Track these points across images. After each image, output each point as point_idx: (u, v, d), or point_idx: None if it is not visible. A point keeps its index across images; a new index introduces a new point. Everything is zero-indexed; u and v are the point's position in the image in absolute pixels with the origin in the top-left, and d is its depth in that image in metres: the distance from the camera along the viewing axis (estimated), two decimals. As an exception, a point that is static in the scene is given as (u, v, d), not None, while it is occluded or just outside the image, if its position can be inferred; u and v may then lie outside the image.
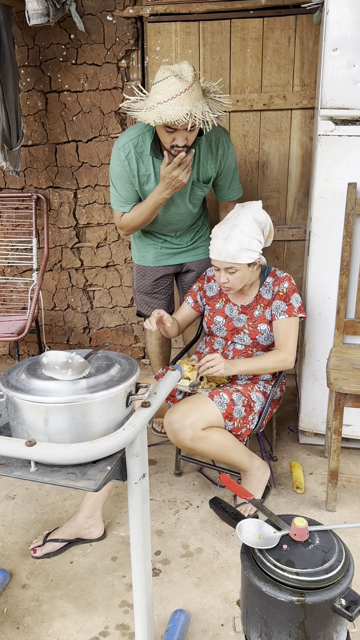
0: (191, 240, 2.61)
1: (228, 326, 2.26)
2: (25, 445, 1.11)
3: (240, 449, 2.07)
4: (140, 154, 2.28)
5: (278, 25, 2.83)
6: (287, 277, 2.20)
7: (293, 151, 3.03)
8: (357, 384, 2.02)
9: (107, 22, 2.96)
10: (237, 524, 1.33)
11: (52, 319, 3.61)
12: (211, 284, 2.35)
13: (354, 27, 2.05)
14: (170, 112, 1.99)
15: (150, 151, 2.26)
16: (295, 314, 2.14)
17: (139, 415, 1.22)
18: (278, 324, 2.16)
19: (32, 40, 3.05)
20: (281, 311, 2.15)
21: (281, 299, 2.16)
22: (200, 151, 2.32)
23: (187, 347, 2.71)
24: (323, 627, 1.20)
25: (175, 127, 2.06)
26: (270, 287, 2.21)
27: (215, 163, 2.37)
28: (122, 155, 2.27)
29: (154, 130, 2.25)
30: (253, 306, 2.22)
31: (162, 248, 2.61)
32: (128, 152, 2.26)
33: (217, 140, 2.34)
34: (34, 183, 3.31)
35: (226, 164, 2.40)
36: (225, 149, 2.37)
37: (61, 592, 1.84)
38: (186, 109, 1.99)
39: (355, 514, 2.17)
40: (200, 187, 2.40)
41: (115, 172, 2.33)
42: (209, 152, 2.34)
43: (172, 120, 1.99)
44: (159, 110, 2.01)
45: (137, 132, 2.28)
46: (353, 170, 2.23)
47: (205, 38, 2.91)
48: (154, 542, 2.04)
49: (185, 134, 2.10)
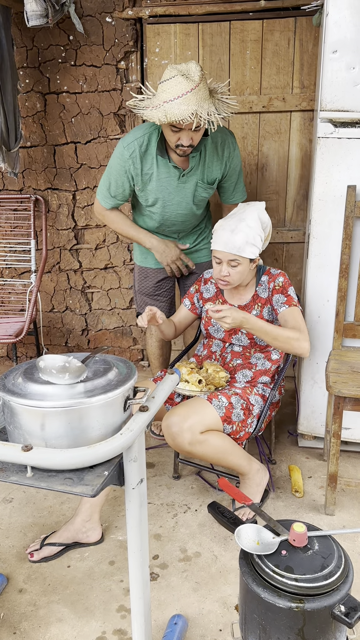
0: (194, 243, 2.61)
1: (225, 327, 2.25)
2: (22, 450, 1.09)
3: (239, 452, 2.06)
4: (144, 154, 2.28)
5: (277, 27, 2.82)
6: (281, 273, 2.20)
7: (292, 153, 3.03)
8: (356, 388, 2.01)
9: (106, 24, 2.95)
10: (236, 530, 1.32)
11: (51, 320, 3.60)
12: (208, 285, 2.35)
13: (353, 29, 2.05)
14: (176, 111, 2.00)
15: (156, 150, 2.27)
16: (295, 304, 2.14)
17: (137, 420, 1.21)
18: (284, 314, 2.14)
19: (31, 41, 3.05)
20: (281, 303, 2.15)
21: (279, 292, 2.16)
22: (206, 152, 2.33)
23: (185, 350, 2.70)
24: (322, 634, 1.19)
25: (180, 126, 2.07)
26: (265, 285, 2.20)
27: (221, 164, 2.37)
28: (126, 153, 2.28)
29: (160, 130, 2.25)
30: (250, 306, 2.21)
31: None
32: (132, 151, 2.27)
33: (223, 141, 2.35)
34: (33, 184, 3.30)
35: (231, 166, 2.40)
36: (231, 150, 2.37)
37: (58, 597, 1.83)
38: (192, 108, 1.99)
39: (355, 518, 2.16)
40: (205, 188, 2.40)
41: (114, 168, 2.34)
42: (215, 154, 2.34)
43: (178, 119, 2.00)
44: (164, 109, 2.02)
45: (144, 132, 2.29)
46: (352, 173, 2.22)
47: (205, 40, 2.91)
48: (152, 546, 2.03)
49: (190, 134, 2.11)
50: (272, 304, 2.18)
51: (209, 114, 2.03)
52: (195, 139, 2.15)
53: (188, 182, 2.35)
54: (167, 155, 2.28)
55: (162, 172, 2.31)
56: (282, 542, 1.29)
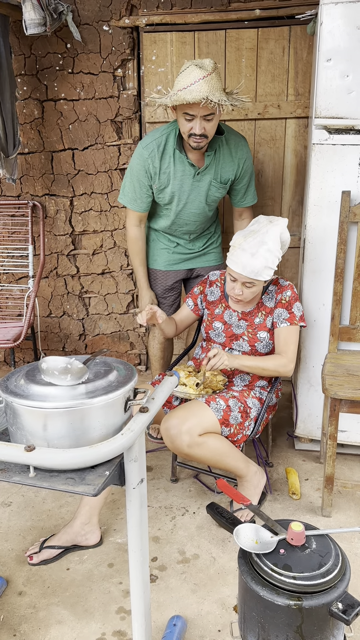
0: (203, 246, 2.67)
1: (227, 332, 2.27)
2: (25, 450, 1.11)
3: (237, 454, 2.08)
4: (162, 153, 2.37)
5: (272, 35, 2.86)
6: (289, 286, 2.22)
7: (287, 160, 3.07)
8: (352, 390, 2.03)
9: (103, 32, 2.99)
10: (235, 529, 1.33)
11: (48, 325, 3.61)
12: (213, 288, 2.36)
13: (347, 38, 2.09)
14: (189, 95, 2.09)
15: (174, 146, 2.35)
16: (296, 322, 2.16)
17: (137, 421, 1.22)
18: (279, 331, 2.17)
19: (29, 49, 3.08)
20: (283, 319, 2.17)
21: (283, 307, 2.18)
22: (221, 151, 2.41)
23: (184, 353, 2.72)
24: (320, 631, 1.21)
25: (193, 112, 2.15)
26: (273, 294, 2.22)
27: (234, 166, 2.44)
28: (145, 153, 2.37)
29: (178, 129, 2.34)
30: (254, 313, 2.23)
31: (173, 253, 2.66)
32: (151, 151, 2.36)
33: (237, 144, 2.44)
34: (30, 190, 3.33)
35: (244, 168, 2.48)
36: (244, 152, 2.46)
37: (58, 599, 1.83)
38: (204, 94, 2.08)
39: (351, 520, 2.18)
40: (218, 187, 2.47)
41: (134, 170, 2.42)
42: (229, 154, 2.42)
43: (188, 100, 2.08)
44: (178, 95, 2.12)
45: (161, 133, 2.39)
46: (347, 179, 2.25)
47: (201, 48, 2.94)
48: (151, 548, 2.04)
49: (203, 123, 2.19)
50: (273, 316, 2.20)
51: (219, 100, 2.11)
52: (207, 129, 2.22)
53: (202, 180, 2.42)
54: (184, 151, 2.36)
55: (178, 170, 2.38)
56: (280, 541, 1.31)
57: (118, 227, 3.30)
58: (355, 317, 2.36)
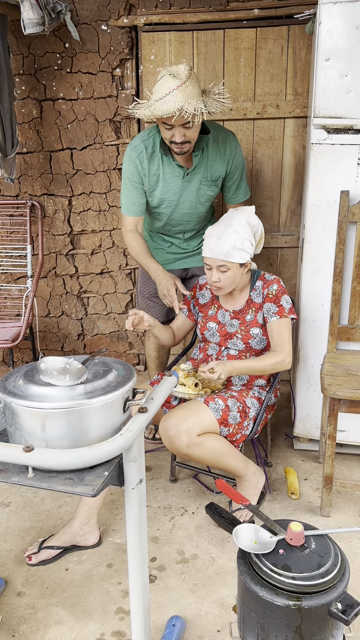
0: (197, 246, 2.67)
1: (221, 332, 2.28)
2: (23, 451, 1.11)
3: (236, 454, 2.08)
4: (150, 155, 2.36)
5: (271, 35, 2.86)
6: (275, 280, 2.22)
7: (286, 159, 3.07)
8: (351, 390, 2.03)
9: (101, 32, 2.98)
10: (234, 529, 1.33)
11: (47, 325, 3.61)
12: (203, 291, 2.37)
13: (345, 38, 2.09)
14: (164, 107, 2.07)
15: (160, 148, 2.34)
16: (286, 315, 2.16)
17: (136, 421, 1.22)
18: (271, 326, 2.18)
19: (27, 48, 3.07)
20: (272, 313, 2.17)
21: (271, 301, 2.18)
22: (208, 149, 2.39)
23: (182, 353, 2.72)
24: (319, 631, 1.21)
25: (171, 122, 2.14)
26: (260, 290, 2.23)
27: (224, 162, 2.43)
28: (134, 154, 2.36)
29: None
30: (245, 311, 2.24)
31: (167, 253, 2.65)
32: (140, 152, 2.35)
33: (225, 140, 2.41)
34: (29, 190, 3.32)
35: (234, 163, 2.46)
36: (232, 148, 2.44)
37: (57, 600, 1.83)
38: (178, 104, 2.06)
39: (350, 519, 2.18)
40: (209, 186, 2.46)
41: (127, 172, 2.41)
42: (217, 151, 2.40)
43: (162, 114, 2.08)
44: (154, 107, 2.10)
45: (148, 134, 2.38)
46: (345, 178, 2.25)
47: (199, 47, 2.94)
48: (150, 548, 2.04)
49: (182, 130, 2.17)
50: (263, 311, 2.21)
51: (195, 109, 2.08)
52: (189, 136, 2.20)
53: (192, 180, 2.41)
54: (170, 154, 2.35)
55: (167, 172, 2.38)
56: (279, 542, 1.31)
57: (117, 227, 3.30)
58: (354, 317, 2.36)
